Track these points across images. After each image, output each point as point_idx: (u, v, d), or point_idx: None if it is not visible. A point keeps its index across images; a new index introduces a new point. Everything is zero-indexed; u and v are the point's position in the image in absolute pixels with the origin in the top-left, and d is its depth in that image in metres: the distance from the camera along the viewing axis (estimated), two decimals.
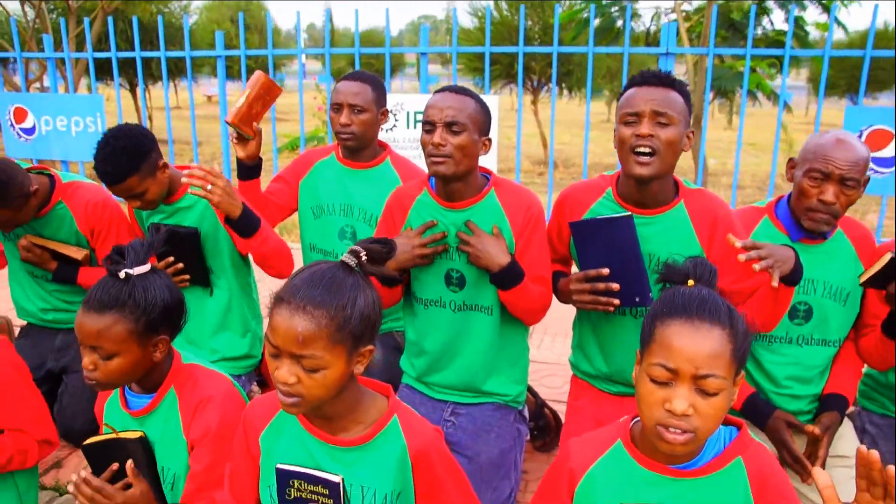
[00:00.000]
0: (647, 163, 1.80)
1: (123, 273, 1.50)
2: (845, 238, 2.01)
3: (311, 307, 1.20)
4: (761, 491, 1.22)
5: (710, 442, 1.26)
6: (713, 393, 1.12)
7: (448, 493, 1.40)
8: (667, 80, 1.84)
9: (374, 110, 2.45)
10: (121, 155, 2.18)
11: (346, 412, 1.35)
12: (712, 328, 1.14)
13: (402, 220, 2.08)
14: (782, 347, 2.05)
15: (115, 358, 1.48)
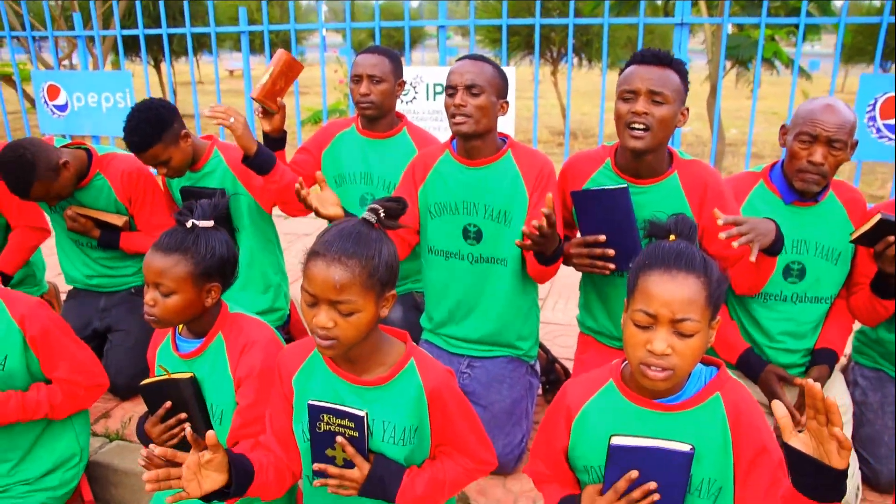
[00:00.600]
0: (641, 136, 1.94)
1: (190, 223, 1.69)
2: (837, 200, 2.13)
3: (345, 258, 1.36)
4: (737, 423, 1.36)
5: (692, 379, 1.41)
6: (689, 335, 1.27)
7: (459, 426, 1.56)
8: (665, 59, 1.96)
9: (392, 81, 2.59)
10: (145, 126, 2.38)
11: (369, 355, 1.51)
12: (688, 277, 1.28)
13: (422, 177, 2.24)
14: (777, 304, 2.18)
15: (174, 296, 1.66)
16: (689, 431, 1.37)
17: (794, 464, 1.18)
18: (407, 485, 1.52)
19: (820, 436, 1.14)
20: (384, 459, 1.53)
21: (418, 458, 1.59)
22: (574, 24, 4.79)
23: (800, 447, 1.16)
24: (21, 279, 2.99)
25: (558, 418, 1.50)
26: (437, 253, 2.27)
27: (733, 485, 1.38)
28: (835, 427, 1.11)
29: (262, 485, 1.54)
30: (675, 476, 1.35)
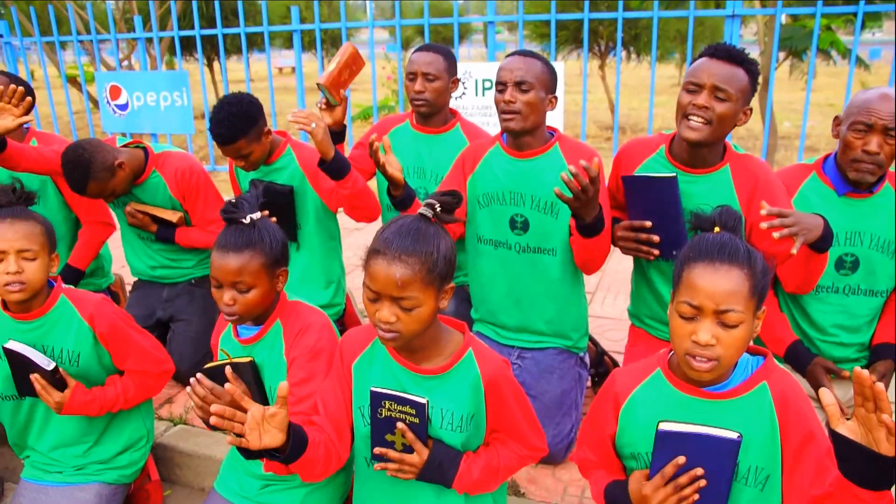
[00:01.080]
0: (699, 129, 1.95)
1: (248, 218, 1.76)
2: (893, 191, 2.10)
3: (405, 255, 1.41)
4: (784, 411, 1.38)
5: (739, 368, 1.43)
6: (733, 325, 1.29)
7: (514, 414, 1.61)
8: (737, 57, 1.96)
9: (446, 78, 2.64)
10: (233, 119, 2.44)
11: (429, 345, 1.57)
12: (731, 269, 1.30)
13: (472, 168, 2.30)
14: (829, 296, 2.16)
15: (252, 290, 1.74)
16: (736, 419, 1.39)
17: (842, 451, 1.20)
18: (464, 470, 1.58)
19: (868, 423, 1.15)
20: (443, 446, 1.58)
21: (474, 444, 1.64)
22: (623, 18, 4.76)
23: (847, 434, 1.17)
24: (91, 271, 3.14)
25: (606, 405, 1.53)
26: (485, 242, 2.31)
27: (781, 473, 1.39)
28: (884, 414, 1.12)
29: (312, 459, 1.56)
30: (722, 463, 1.37)
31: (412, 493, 1.66)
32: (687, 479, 1.38)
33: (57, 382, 1.97)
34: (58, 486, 2.10)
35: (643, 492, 1.42)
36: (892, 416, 1.12)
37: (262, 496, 1.93)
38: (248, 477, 1.96)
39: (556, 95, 2.18)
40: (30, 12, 6.14)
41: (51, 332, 2.02)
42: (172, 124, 6.13)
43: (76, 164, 2.53)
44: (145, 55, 6.27)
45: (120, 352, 2.10)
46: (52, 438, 2.15)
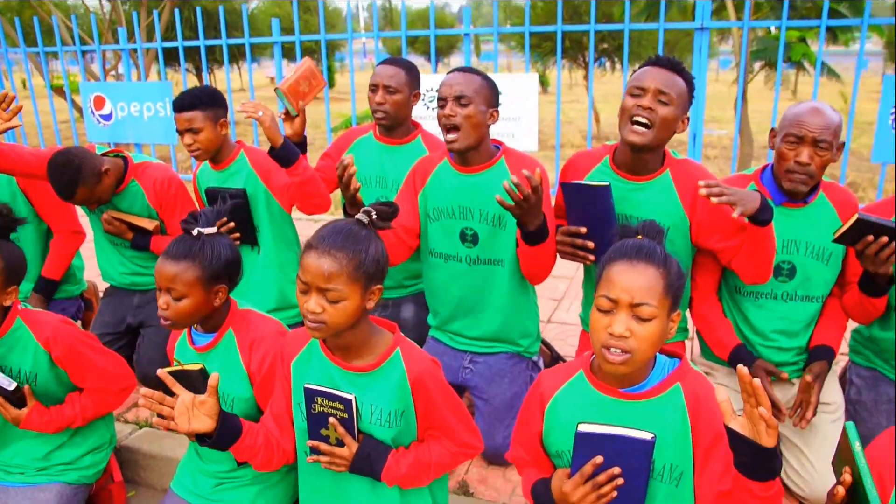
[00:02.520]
0: (642, 133, 2.04)
1: (196, 232, 1.83)
2: (827, 201, 2.18)
3: (334, 251, 1.51)
4: (696, 412, 1.45)
5: (655, 370, 1.50)
6: (647, 319, 1.37)
7: (443, 412, 1.69)
8: (676, 66, 2.08)
9: (407, 92, 2.72)
10: (198, 93, 2.65)
11: (360, 344, 1.66)
12: (647, 267, 1.39)
13: (422, 183, 2.37)
14: (768, 303, 2.25)
15: (185, 300, 1.80)
16: (651, 420, 1.46)
17: (734, 445, 1.28)
18: (392, 463, 1.66)
19: (753, 418, 1.23)
20: (372, 440, 1.67)
21: (406, 440, 1.72)
22: (595, 30, 4.87)
23: (737, 429, 1.25)
24: (64, 279, 3.20)
25: (534, 405, 1.61)
26: (436, 255, 2.39)
27: (693, 470, 1.47)
28: (760, 408, 1.20)
29: (249, 447, 1.70)
30: (637, 462, 1.44)
31: (349, 486, 1.74)
32: (605, 477, 1.45)
33: (18, 400, 2.04)
34: (20, 486, 2.15)
35: (563, 489, 1.49)
36: (770, 411, 1.20)
37: (216, 494, 2.00)
38: (202, 476, 2.02)
39: (497, 109, 2.23)
40: (15, 23, 6.21)
41: (8, 355, 2.07)
42: (155, 134, 6.22)
43: (66, 169, 2.61)
44: (129, 66, 6.35)
45: (77, 373, 2.14)
46: (14, 446, 2.20)
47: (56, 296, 3.14)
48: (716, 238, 2.14)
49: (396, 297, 2.89)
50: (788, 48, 6.47)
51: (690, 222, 2.16)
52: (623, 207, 2.16)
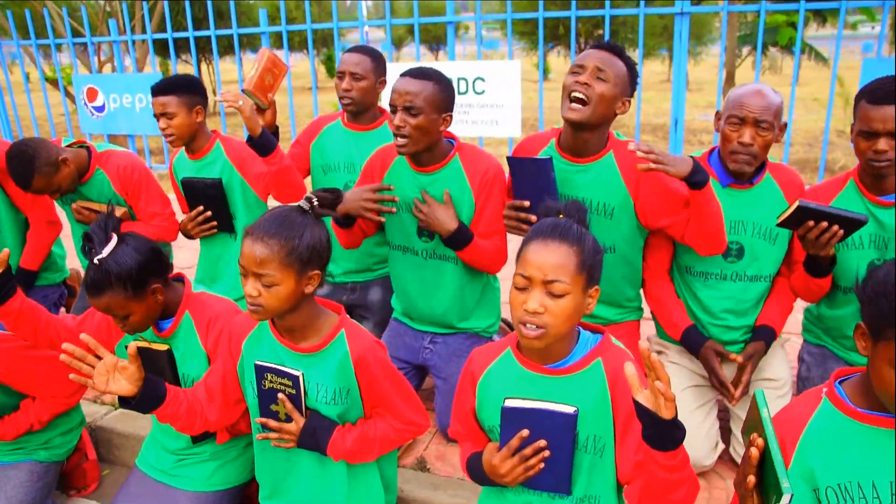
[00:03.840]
0: (579, 110, 2.08)
1: (97, 260, 1.79)
2: (773, 182, 2.23)
3: (266, 237, 1.58)
4: (615, 386, 1.50)
5: (579, 346, 1.55)
6: (560, 295, 1.42)
7: (386, 391, 1.76)
8: (615, 49, 2.13)
9: (372, 79, 2.77)
10: (179, 79, 2.73)
11: (305, 325, 1.73)
12: (560, 245, 1.43)
13: (380, 176, 2.42)
14: (718, 283, 2.29)
15: (130, 315, 1.85)
16: (574, 394, 1.51)
17: (641, 417, 1.33)
18: (337, 438, 1.73)
19: (654, 391, 1.28)
20: (318, 416, 1.74)
21: (352, 417, 1.79)
22: (576, 16, 4.89)
23: (642, 401, 1.31)
24: (45, 267, 3.28)
25: (466, 382, 1.67)
26: (396, 248, 2.45)
27: (614, 441, 1.52)
28: (657, 382, 1.25)
29: (171, 414, 1.80)
30: (562, 434, 1.50)
31: (299, 461, 1.83)
32: (531, 450, 1.51)
33: None
34: None
35: (493, 462, 1.55)
36: (668, 386, 1.26)
37: (177, 469, 2.08)
38: (165, 452, 2.11)
39: (451, 113, 2.24)
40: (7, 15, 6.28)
41: None
42: (148, 125, 6.28)
43: (20, 159, 2.68)
44: (121, 58, 6.41)
45: (22, 385, 2.19)
46: None
47: (38, 283, 3.23)
48: (662, 215, 2.19)
49: (364, 281, 2.95)
50: (776, 32, 6.46)
51: (635, 202, 2.20)
52: (568, 189, 2.21)
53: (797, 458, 1.32)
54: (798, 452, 1.32)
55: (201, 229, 2.90)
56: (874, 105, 1.99)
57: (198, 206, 2.86)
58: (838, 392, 1.33)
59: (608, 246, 2.27)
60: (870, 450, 1.26)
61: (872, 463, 1.26)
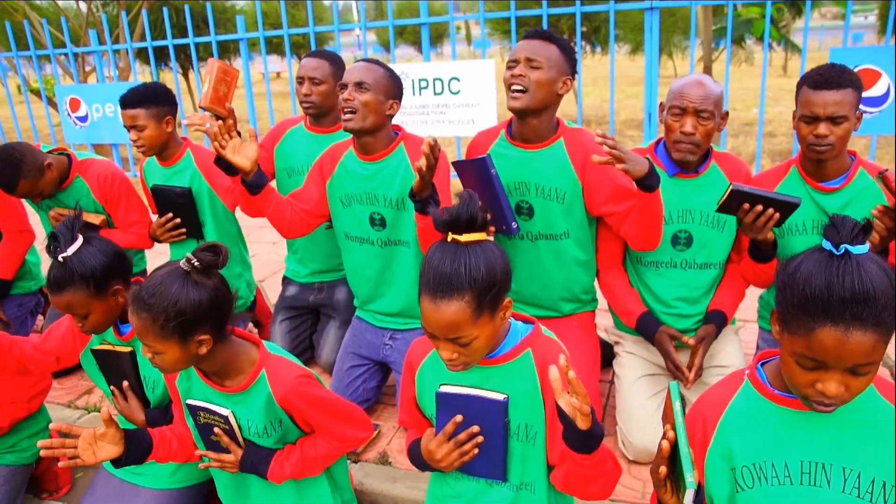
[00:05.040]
0: (519, 97, 2.15)
1: (62, 258, 1.83)
2: (719, 170, 2.27)
3: (140, 310, 1.56)
4: (544, 375, 1.52)
5: (510, 336, 1.58)
6: (467, 343, 1.41)
7: (318, 420, 1.78)
8: (545, 35, 2.18)
9: (332, 83, 2.81)
10: (144, 91, 2.76)
11: (224, 368, 1.73)
12: (450, 303, 1.36)
13: (330, 171, 2.48)
14: (668, 272, 2.34)
15: (90, 315, 1.89)
16: (505, 382, 1.54)
17: (560, 419, 1.37)
18: (275, 467, 1.78)
19: (569, 406, 1.33)
20: (254, 447, 1.79)
21: (292, 438, 1.83)
22: (548, 13, 4.94)
23: (563, 407, 1.34)
24: (20, 276, 3.32)
25: (408, 372, 1.71)
26: (351, 239, 2.50)
27: (545, 429, 1.56)
28: (571, 398, 1.31)
29: (166, 454, 1.84)
30: (494, 421, 1.54)
31: (247, 478, 1.88)
32: (465, 436, 1.55)
33: None
34: None
35: (430, 448, 1.59)
36: (586, 400, 1.30)
37: (140, 468, 2.11)
38: None
39: (398, 101, 2.32)
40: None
41: None
42: None
43: (7, 163, 2.73)
44: (102, 67, 6.46)
45: None
46: None
47: (13, 292, 3.28)
48: (605, 201, 2.24)
49: (331, 281, 3.00)
50: (750, 25, 6.50)
51: (583, 187, 2.25)
52: (519, 175, 2.27)
53: (717, 438, 1.36)
54: (718, 432, 1.36)
55: (170, 235, 2.96)
56: (815, 90, 2.03)
57: (167, 213, 2.91)
58: (759, 374, 1.37)
59: (562, 232, 2.32)
60: (784, 431, 1.30)
61: (785, 443, 1.29)
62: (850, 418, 1.26)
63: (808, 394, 1.19)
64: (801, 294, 1.14)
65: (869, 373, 1.15)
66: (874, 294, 1.08)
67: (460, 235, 1.40)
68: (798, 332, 1.15)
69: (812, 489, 1.27)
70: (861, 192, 2.14)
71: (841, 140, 2.04)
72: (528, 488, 1.61)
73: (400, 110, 5.19)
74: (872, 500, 1.24)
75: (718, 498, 1.36)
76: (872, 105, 4.53)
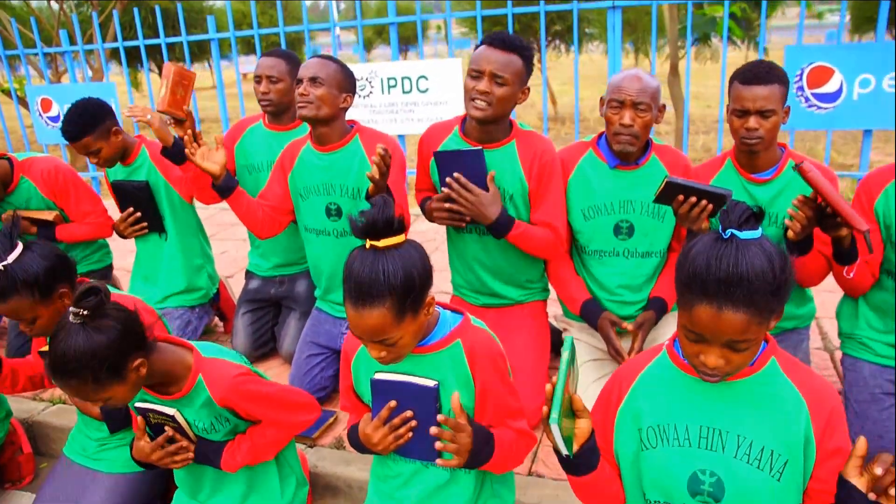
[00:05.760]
0: (482, 109, 2.23)
1: (2, 266, 1.83)
2: (658, 162, 2.37)
3: (67, 380, 1.54)
4: (473, 363, 1.61)
5: (440, 326, 1.64)
6: (392, 344, 1.49)
7: (263, 412, 1.85)
8: (510, 44, 2.24)
9: (289, 80, 2.89)
10: (80, 119, 2.74)
11: (162, 380, 1.76)
12: (371, 311, 1.42)
13: (290, 165, 2.56)
14: (611, 260, 2.44)
15: (38, 321, 1.92)
16: (436, 370, 1.62)
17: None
18: (227, 458, 1.86)
19: None
20: (204, 441, 1.86)
21: (242, 429, 1.91)
22: (513, 13, 5.03)
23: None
24: None
25: (344, 360, 1.78)
26: (310, 231, 2.59)
27: (474, 411, 1.66)
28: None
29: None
30: (427, 406, 1.61)
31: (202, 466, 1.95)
32: (399, 420, 1.62)
33: None
34: None
35: (366, 432, 1.66)
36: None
37: (98, 454, 2.19)
38: (88, 440, 2.23)
39: (351, 94, 2.41)
40: None
41: None
42: None
43: None
44: (73, 67, 6.47)
45: None
46: None
47: None
48: (537, 211, 2.38)
49: (292, 274, 3.07)
50: (713, 23, 6.63)
51: (529, 189, 2.34)
52: None
53: (628, 399, 1.46)
54: (630, 394, 1.46)
55: (133, 230, 3.02)
56: (745, 85, 2.13)
57: (128, 207, 2.98)
58: (675, 346, 1.47)
59: None
60: (688, 397, 1.40)
61: (688, 408, 1.39)
62: (751, 391, 1.36)
63: (695, 364, 1.30)
64: (687, 272, 1.23)
65: (747, 349, 1.24)
66: (748, 277, 1.16)
67: (378, 241, 1.44)
68: (684, 306, 1.25)
69: (708, 452, 1.37)
70: (790, 183, 2.25)
71: (769, 133, 2.15)
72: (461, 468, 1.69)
73: (371, 108, 5.29)
74: (760, 466, 1.33)
75: (625, 456, 1.47)
76: (826, 101, 4.66)
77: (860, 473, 1.22)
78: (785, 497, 1.34)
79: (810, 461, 1.33)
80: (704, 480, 1.37)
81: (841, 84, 4.61)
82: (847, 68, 4.55)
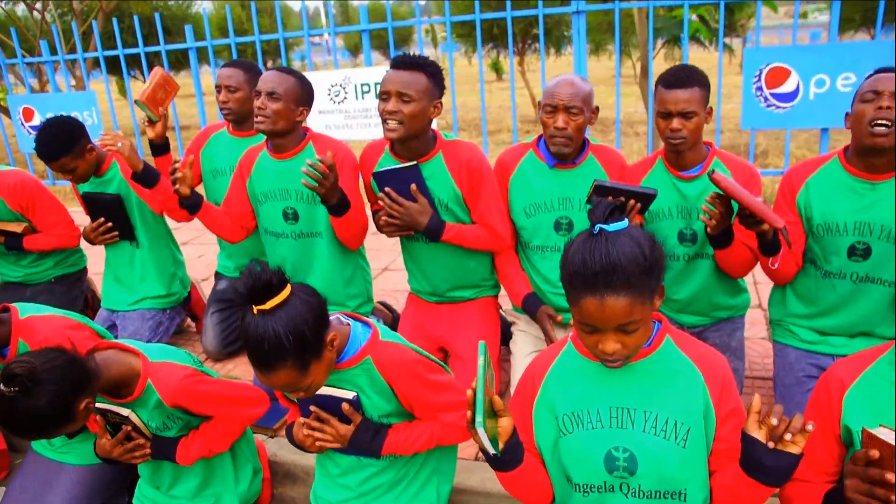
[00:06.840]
0: (395, 129, 2.35)
1: None
2: (595, 161, 2.50)
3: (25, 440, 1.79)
4: (386, 374, 1.75)
5: (352, 342, 1.75)
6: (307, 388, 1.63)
7: (210, 408, 1.99)
8: (414, 63, 2.35)
9: (247, 89, 3.01)
10: (56, 139, 2.81)
11: (113, 388, 1.88)
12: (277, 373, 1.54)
13: (248, 172, 2.68)
14: (553, 255, 2.56)
15: None
16: (353, 383, 1.78)
17: None
18: (182, 452, 1.99)
19: None
20: (160, 438, 2.00)
21: (196, 424, 2.04)
22: (481, 18, 5.17)
23: None
24: None
25: None
26: (269, 234, 2.72)
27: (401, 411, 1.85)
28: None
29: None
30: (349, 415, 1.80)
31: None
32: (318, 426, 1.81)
33: None
34: None
35: (298, 436, 1.85)
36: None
37: (65, 447, 2.31)
38: None
39: (308, 107, 2.54)
40: None
41: None
42: None
43: None
44: (53, 77, 6.58)
45: None
46: None
47: None
48: (474, 213, 2.52)
49: None
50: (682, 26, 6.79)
51: (462, 195, 2.49)
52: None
53: (542, 392, 1.58)
54: (543, 387, 1.58)
55: (103, 238, 3.13)
56: (667, 89, 2.26)
57: (99, 217, 3.08)
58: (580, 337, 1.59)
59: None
60: (596, 382, 1.52)
61: (598, 393, 1.51)
62: (651, 369, 1.49)
63: (596, 353, 1.42)
64: (567, 271, 1.36)
65: (637, 329, 1.36)
66: (621, 264, 1.29)
67: (263, 304, 1.48)
68: (573, 303, 1.37)
69: (620, 430, 1.49)
70: None
71: (692, 133, 2.28)
72: (393, 457, 1.88)
73: (345, 114, 5.41)
74: (666, 437, 1.46)
75: (545, 445, 1.58)
76: (784, 101, 4.80)
77: (759, 427, 1.32)
78: (691, 462, 1.45)
79: (711, 426, 1.45)
80: (619, 457, 1.48)
81: (798, 84, 4.75)
82: (803, 69, 4.69)
